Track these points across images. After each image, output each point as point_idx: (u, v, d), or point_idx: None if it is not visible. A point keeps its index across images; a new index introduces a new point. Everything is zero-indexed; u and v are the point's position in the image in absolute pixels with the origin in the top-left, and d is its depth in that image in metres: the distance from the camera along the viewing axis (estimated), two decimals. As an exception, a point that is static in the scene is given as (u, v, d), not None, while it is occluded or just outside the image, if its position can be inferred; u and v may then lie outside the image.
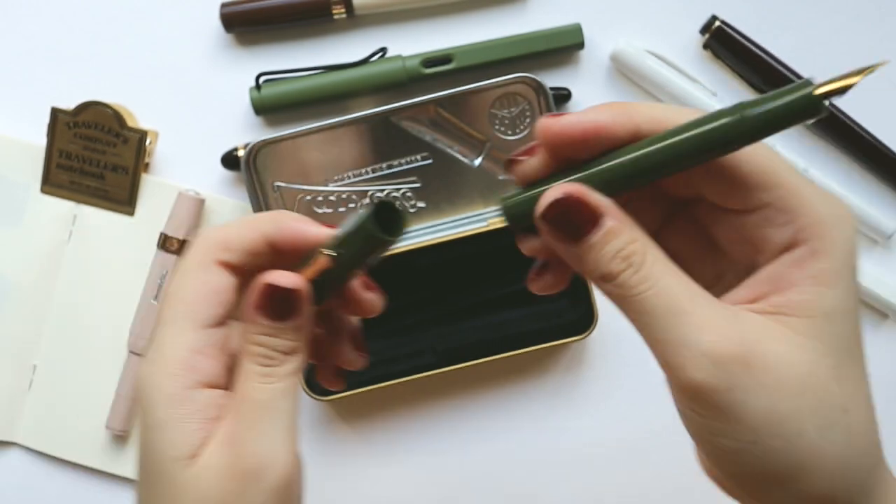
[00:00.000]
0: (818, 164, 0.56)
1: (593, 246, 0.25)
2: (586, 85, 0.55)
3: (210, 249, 0.29)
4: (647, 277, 0.25)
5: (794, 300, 0.25)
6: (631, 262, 0.25)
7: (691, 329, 0.24)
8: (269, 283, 0.28)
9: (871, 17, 0.55)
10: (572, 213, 0.25)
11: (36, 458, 0.57)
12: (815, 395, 0.24)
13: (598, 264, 0.25)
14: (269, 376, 0.28)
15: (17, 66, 0.56)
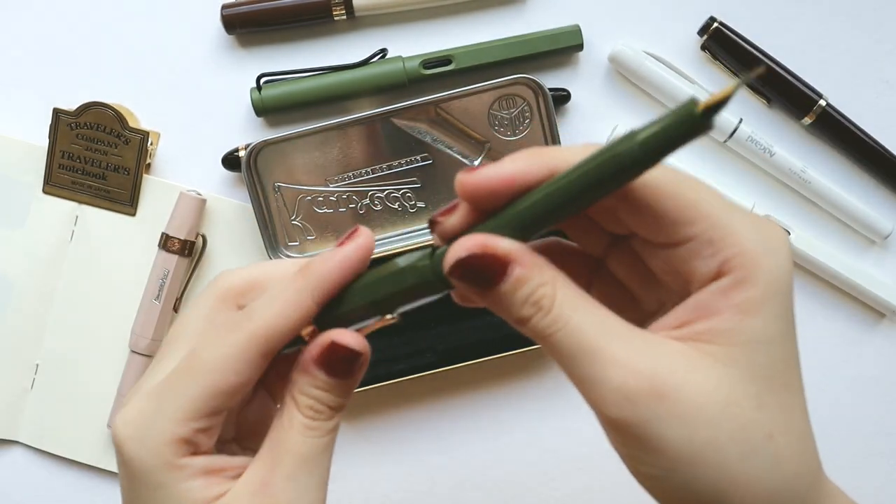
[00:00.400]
0: (816, 164, 0.56)
1: (503, 295, 0.26)
2: (585, 86, 0.56)
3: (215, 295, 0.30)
4: (556, 319, 0.25)
5: (716, 328, 0.25)
6: (541, 306, 0.25)
7: (603, 366, 0.24)
8: (336, 342, 0.28)
9: (869, 18, 0.56)
10: (479, 267, 0.25)
11: (38, 457, 0.57)
12: (734, 422, 0.24)
13: (510, 310, 0.26)
14: (315, 430, 0.28)
15: (19, 68, 0.56)
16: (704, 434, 0.24)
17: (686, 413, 0.24)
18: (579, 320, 0.25)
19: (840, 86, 0.55)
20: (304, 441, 0.28)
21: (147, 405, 0.28)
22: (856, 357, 0.57)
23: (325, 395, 0.28)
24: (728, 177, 0.56)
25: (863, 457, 0.57)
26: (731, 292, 0.25)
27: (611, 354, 0.25)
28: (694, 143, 0.24)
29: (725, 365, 0.25)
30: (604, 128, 0.56)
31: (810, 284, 0.57)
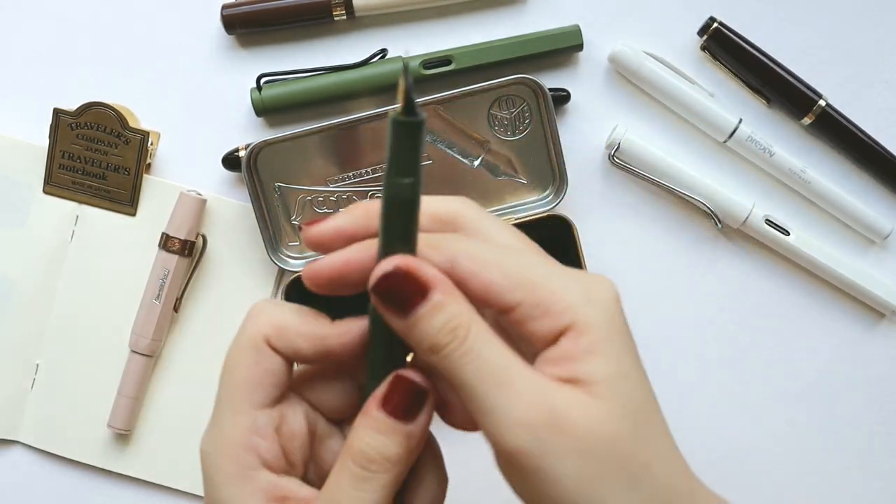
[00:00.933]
0: (816, 164, 0.56)
1: (421, 318, 0.26)
2: (585, 86, 0.56)
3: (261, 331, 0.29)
4: (469, 350, 0.26)
5: (579, 371, 0.26)
6: (456, 335, 0.26)
7: (508, 398, 0.26)
8: (404, 377, 0.27)
9: (869, 18, 0.56)
10: (402, 285, 0.26)
11: (38, 457, 0.57)
12: (619, 454, 0.26)
13: (425, 336, 0.26)
14: (364, 482, 0.27)
15: (19, 68, 0.56)
16: (594, 467, 0.26)
17: (579, 447, 0.26)
18: (489, 353, 0.26)
19: (840, 86, 0.55)
20: (353, 495, 0.27)
21: (210, 430, 0.29)
22: (856, 357, 0.57)
23: (381, 441, 0.27)
24: (728, 177, 0.56)
25: (863, 457, 0.57)
26: (577, 341, 0.27)
27: (516, 388, 0.26)
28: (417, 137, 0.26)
29: (605, 401, 0.26)
30: (603, 128, 0.56)
31: (810, 284, 0.57)
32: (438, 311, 0.26)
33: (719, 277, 0.57)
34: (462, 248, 0.27)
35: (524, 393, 0.26)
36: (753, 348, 0.57)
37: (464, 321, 0.26)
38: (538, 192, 0.55)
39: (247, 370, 0.29)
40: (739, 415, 0.57)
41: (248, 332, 0.29)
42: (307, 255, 0.55)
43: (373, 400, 0.27)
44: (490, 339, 0.26)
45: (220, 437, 0.28)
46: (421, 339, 0.26)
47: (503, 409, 0.25)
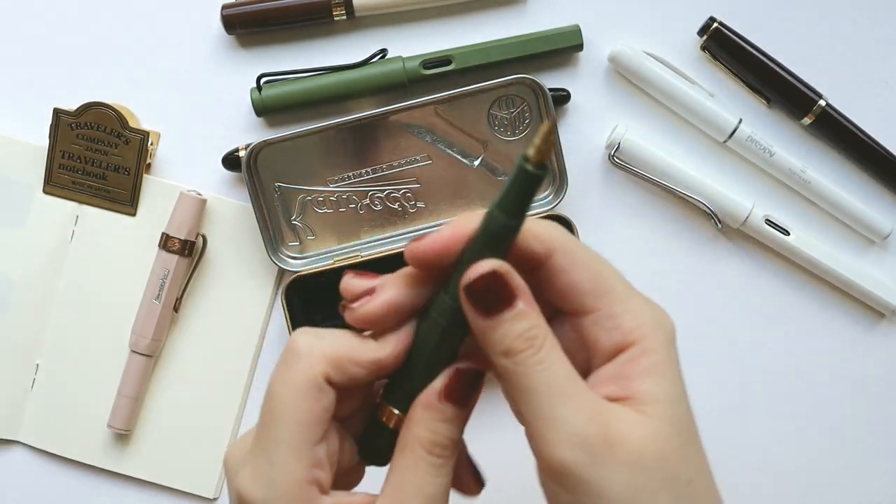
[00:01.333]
0: (816, 164, 0.56)
1: (504, 322, 0.28)
2: (585, 86, 0.56)
3: (317, 363, 0.29)
4: (542, 359, 0.28)
5: (638, 390, 0.28)
6: (533, 343, 0.28)
7: (569, 410, 0.27)
8: (462, 369, 0.29)
9: (868, 18, 0.56)
10: (495, 290, 0.28)
11: (38, 457, 0.57)
12: (666, 470, 0.28)
13: (503, 339, 0.28)
14: (442, 468, 0.29)
15: (19, 68, 0.56)
16: (643, 480, 0.27)
17: (629, 461, 0.27)
18: (559, 366, 0.28)
19: (840, 86, 0.55)
20: (433, 481, 0.29)
21: (260, 461, 0.29)
22: (856, 357, 0.57)
23: (449, 429, 0.29)
24: (728, 177, 0.56)
25: (863, 457, 0.57)
26: (638, 360, 0.29)
27: (578, 401, 0.28)
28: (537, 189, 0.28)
29: (655, 419, 0.28)
30: (603, 128, 0.56)
31: (810, 284, 0.57)
32: (521, 319, 0.28)
33: (719, 277, 0.57)
34: (560, 243, 0.30)
35: (584, 407, 0.27)
36: (753, 348, 0.57)
37: (541, 332, 0.28)
38: (538, 192, 0.55)
39: (308, 411, 0.29)
40: (739, 415, 0.57)
41: (305, 371, 0.29)
42: (307, 255, 0.55)
43: (432, 393, 0.29)
44: (560, 354, 0.28)
45: (281, 479, 0.29)
46: (499, 341, 0.28)
47: (562, 419, 0.27)
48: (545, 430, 0.27)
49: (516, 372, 0.28)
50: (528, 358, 0.28)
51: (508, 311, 0.28)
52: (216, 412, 0.56)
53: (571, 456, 0.27)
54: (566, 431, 0.27)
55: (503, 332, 0.28)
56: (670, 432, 0.28)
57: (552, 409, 0.27)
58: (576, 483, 0.27)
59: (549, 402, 0.27)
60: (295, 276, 0.54)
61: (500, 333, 0.28)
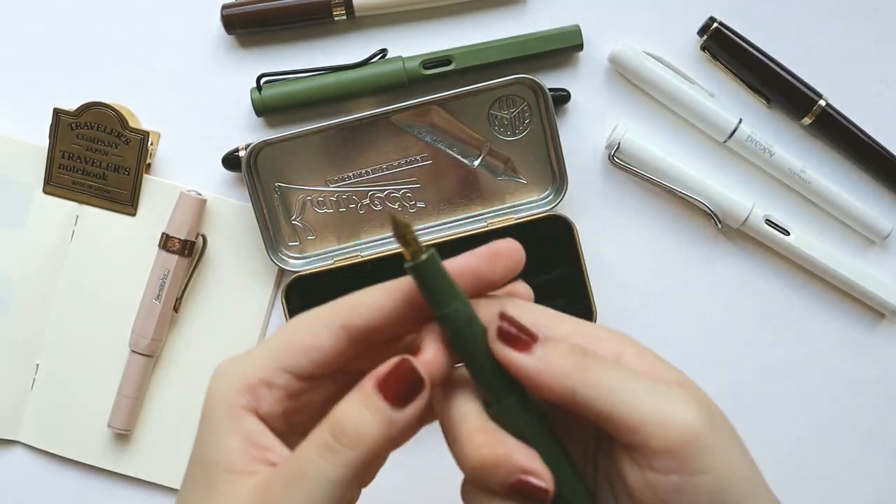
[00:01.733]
0: (816, 164, 0.56)
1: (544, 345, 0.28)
2: (585, 86, 0.56)
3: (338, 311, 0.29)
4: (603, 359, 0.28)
5: None
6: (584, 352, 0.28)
7: (657, 388, 0.27)
8: (407, 361, 0.27)
9: (868, 18, 0.56)
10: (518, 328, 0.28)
11: (38, 457, 0.57)
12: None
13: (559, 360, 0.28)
14: (331, 453, 0.26)
15: (19, 68, 0.56)
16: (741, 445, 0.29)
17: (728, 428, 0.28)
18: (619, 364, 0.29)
19: (840, 86, 0.55)
20: (313, 460, 0.26)
21: (235, 358, 0.29)
22: (856, 357, 0.57)
23: (363, 416, 0.26)
24: (728, 177, 0.56)
25: (863, 457, 0.57)
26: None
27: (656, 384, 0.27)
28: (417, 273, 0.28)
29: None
30: (603, 128, 0.56)
31: (810, 285, 0.57)
32: (559, 342, 0.28)
33: (719, 277, 0.57)
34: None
35: (666, 386, 0.27)
36: (753, 348, 0.57)
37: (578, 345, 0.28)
38: (538, 192, 0.55)
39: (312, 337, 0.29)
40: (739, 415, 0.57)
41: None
42: (307, 255, 0.55)
43: (372, 376, 0.27)
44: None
45: (239, 369, 0.28)
46: (557, 362, 0.27)
47: (659, 396, 0.26)
48: (650, 414, 0.26)
49: (589, 379, 0.27)
50: (588, 361, 0.27)
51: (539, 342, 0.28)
52: (216, 412, 0.56)
53: (698, 421, 0.26)
54: (677, 403, 0.26)
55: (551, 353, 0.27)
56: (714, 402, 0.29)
57: (648, 389, 0.27)
58: (701, 452, 0.26)
59: (640, 385, 0.27)
60: (295, 276, 0.54)
61: (553, 357, 0.27)
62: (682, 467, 0.26)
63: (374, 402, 0.26)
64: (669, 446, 0.26)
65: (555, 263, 0.55)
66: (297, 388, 0.29)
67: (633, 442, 0.26)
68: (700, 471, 0.26)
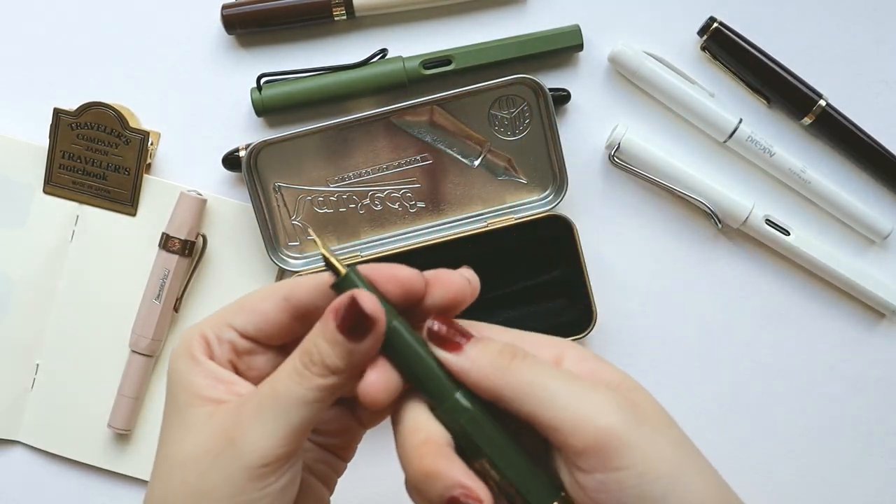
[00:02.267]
0: (816, 164, 0.56)
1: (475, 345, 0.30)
2: (585, 86, 0.56)
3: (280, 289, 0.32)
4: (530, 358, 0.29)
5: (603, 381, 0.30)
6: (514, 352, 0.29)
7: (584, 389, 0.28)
8: (355, 298, 0.28)
9: (868, 18, 0.56)
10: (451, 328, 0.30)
11: (38, 457, 0.57)
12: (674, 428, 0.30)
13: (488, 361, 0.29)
14: (300, 377, 0.29)
15: (19, 68, 0.56)
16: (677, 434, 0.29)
17: (652, 416, 0.29)
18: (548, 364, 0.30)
19: (840, 86, 0.55)
20: (285, 383, 0.29)
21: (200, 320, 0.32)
22: (856, 357, 0.57)
23: (326, 349, 0.29)
24: (728, 177, 0.56)
25: (863, 457, 0.57)
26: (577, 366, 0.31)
27: (584, 384, 0.29)
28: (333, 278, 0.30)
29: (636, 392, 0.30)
30: (603, 128, 0.56)
31: (810, 284, 0.57)
32: (488, 342, 0.29)
33: (719, 277, 0.57)
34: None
35: (594, 386, 0.28)
36: (753, 348, 0.57)
37: (509, 346, 0.29)
38: (538, 192, 0.55)
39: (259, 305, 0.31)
40: (739, 415, 0.57)
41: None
42: (307, 255, 0.55)
43: (330, 309, 0.29)
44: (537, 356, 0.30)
45: (196, 327, 0.31)
46: (488, 362, 0.29)
47: (586, 394, 0.28)
48: (574, 414, 0.27)
49: (515, 380, 0.28)
50: (517, 362, 0.29)
51: (471, 341, 0.29)
52: (216, 412, 0.56)
53: (615, 419, 0.27)
54: (597, 402, 0.28)
55: (481, 352, 0.29)
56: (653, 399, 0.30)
57: (570, 388, 0.28)
58: (620, 449, 0.27)
59: (562, 385, 0.28)
60: (295, 276, 0.54)
61: (481, 356, 0.29)
62: (604, 465, 0.27)
63: (333, 335, 0.29)
64: (587, 444, 0.27)
65: (555, 263, 0.55)
66: (243, 346, 0.31)
67: (556, 441, 0.28)
68: (621, 467, 0.27)
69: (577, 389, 0.28)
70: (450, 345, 0.29)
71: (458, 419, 0.29)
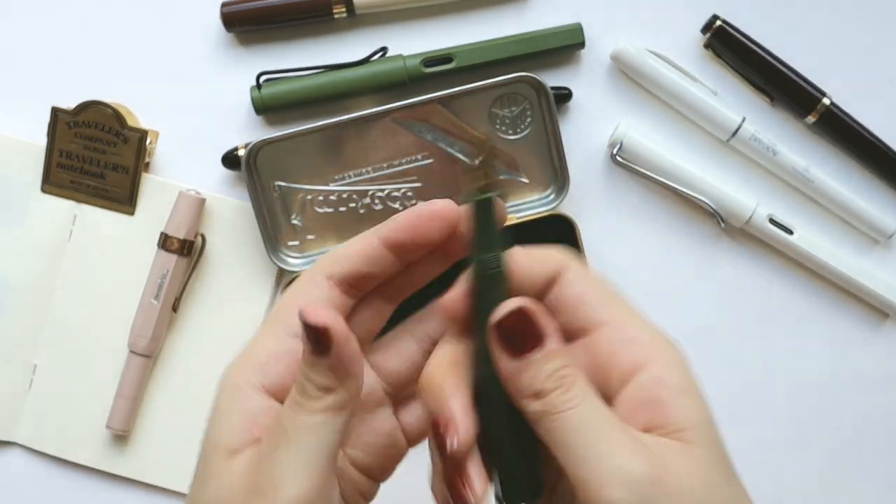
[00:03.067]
0: (819, 163, 0.56)
1: (532, 363, 0.27)
2: (587, 84, 0.55)
3: (320, 264, 0.31)
4: (573, 398, 0.27)
5: (674, 415, 0.27)
6: (562, 383, 0.27)
7: (609, 448, 0.26)
8: (301, 313, 0.28)
9: (873, 16, 0.55)
10: (524, 328, 0.27)
11: (36, 458, 0.57)
12: (714, 500, 0.27)
13: (533, 381, 0.27)
14: (299, 406, 0.28)
15: (17, 66, 0.56)
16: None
17: (679, 497, 0.26)
18: (591, 403, 0.27)
19: (844, 84, 0.55)
20: (287, 415, 0.28)
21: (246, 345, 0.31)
22: (859, 357, 0.57)
23: (308, 372, 0.28)
24: (731, 175, 0.56)
25: (867, 458, 0.57)
26: (664, 379, 0.28)
27: (615, 439, 0.26)
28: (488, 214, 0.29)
29: (696, 448, 0.27)
30: (606, 126, 0.55)
31: (813, 284, 0.57)
32: (551, 358, 0.27)
33: (722, 277, 0.56)
34: (564, 261, 0.29)
35: (624, 444, 0.26)
36: (756, 348, 0.57)
37: (570, 372, 0.27)
38: (540, 191, 0.55)
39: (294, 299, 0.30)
40: (742, 415, 0.57)
41: (307, 269, 0.31)
42: (307, 255, 0.55)
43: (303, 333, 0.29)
44: (591, 391, 0.27)
45: (246, 350, 0.30)
46: (528, 384, 0.27)
47: (603, 459, 0.26)
48: (586, 473, 0.26)
49: (548, 414, 0.27)
50: (558, 397, 0.27)
51: (538, 350, 0.27)
52: (215, 413, 0.56)
53: (619, 495, 0.25)
54: (610, 471, 0.26)
55: (532, 374, 0.27)
56: (712, 460, 0.27)
57: (589, 448, 0.26)
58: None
59: (585, 440, 0.26)
60: (295, 276, 0.54)
61: (529, 376, 0.27)
62: None
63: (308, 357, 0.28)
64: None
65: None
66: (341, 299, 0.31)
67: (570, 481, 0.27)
68: None
69: (595, 446, 0.26)
70: (511, 346, 0.28)
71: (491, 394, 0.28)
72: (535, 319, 0.27)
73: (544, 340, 0.27)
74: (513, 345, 0.27)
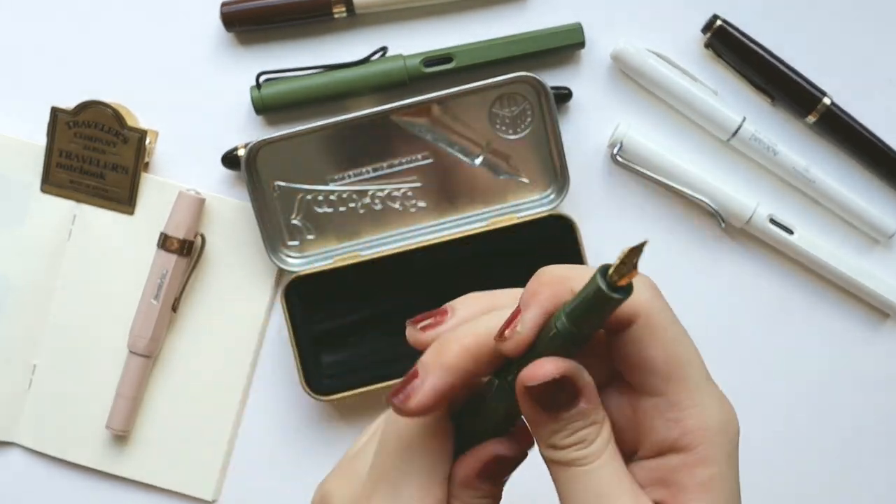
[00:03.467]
0: (820, 163, 0.56)
1: (558, 420, 0.26)
2: (587, 84, 0.55)
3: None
4: (589, 455, 0.26)
5: (689, 501, 0.26)
6: (584, 438, 0.26)
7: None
8: (499, 455, 0.28)
9: (873, 16, 0.55)
10: (559, 391, 0.26)
11: (36, 459, 0.57)
12: None
13: (555, 435, 0.26)
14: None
15: (17, 66, 0.56)
16: None
17: None
18: (606, 464, 0.26)
19: (844, 84, 0.55)
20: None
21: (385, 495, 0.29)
22: (859, 357, 0.57)
23: (486, 501, 0.28)
24: (731, 175, 0.56)
25: (867, 458, 0.57)
26: (695, 469, 0.27)
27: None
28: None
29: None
30: (606, 126, 0.55)
31: (814, 284, 0.57)
32: (579, 418, 0.26)
33: (722, 277, 0.56)
34: (646, 310, 0.28)
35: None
36: (757, 348, 0.57)
37: (594, 430, 0.26)
38: (540, 191, 0.55)
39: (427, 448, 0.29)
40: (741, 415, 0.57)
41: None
42: (307, 255, 0.55)
43: (471, 472, 0.28)
44: (611, 451, 0.27)
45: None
46: (549, 436, 0.26)
47: None
48: None
49: (560, 464, 0.26)
50: (575, 451, 0.26)
51: (568, 410, 0.26)
52: (215, 413, 0.56)
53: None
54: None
55: (555, 429, 0.26)
56: None
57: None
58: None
59: (589, 501, 0.26)
60: (294, 276, 0.54)
61: (552, 429, 0.26)
62: None
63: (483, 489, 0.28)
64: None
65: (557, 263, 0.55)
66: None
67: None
68: None
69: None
70: (541, 403, 0.26)
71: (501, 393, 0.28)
72: (572, 383, 0.26)
73: (577, 401, 0.26)
74: (546, 405, 0.26)
